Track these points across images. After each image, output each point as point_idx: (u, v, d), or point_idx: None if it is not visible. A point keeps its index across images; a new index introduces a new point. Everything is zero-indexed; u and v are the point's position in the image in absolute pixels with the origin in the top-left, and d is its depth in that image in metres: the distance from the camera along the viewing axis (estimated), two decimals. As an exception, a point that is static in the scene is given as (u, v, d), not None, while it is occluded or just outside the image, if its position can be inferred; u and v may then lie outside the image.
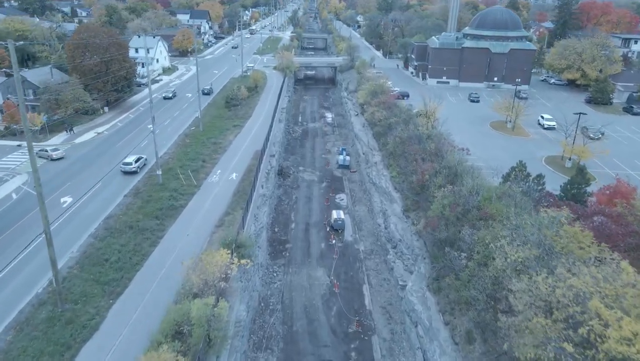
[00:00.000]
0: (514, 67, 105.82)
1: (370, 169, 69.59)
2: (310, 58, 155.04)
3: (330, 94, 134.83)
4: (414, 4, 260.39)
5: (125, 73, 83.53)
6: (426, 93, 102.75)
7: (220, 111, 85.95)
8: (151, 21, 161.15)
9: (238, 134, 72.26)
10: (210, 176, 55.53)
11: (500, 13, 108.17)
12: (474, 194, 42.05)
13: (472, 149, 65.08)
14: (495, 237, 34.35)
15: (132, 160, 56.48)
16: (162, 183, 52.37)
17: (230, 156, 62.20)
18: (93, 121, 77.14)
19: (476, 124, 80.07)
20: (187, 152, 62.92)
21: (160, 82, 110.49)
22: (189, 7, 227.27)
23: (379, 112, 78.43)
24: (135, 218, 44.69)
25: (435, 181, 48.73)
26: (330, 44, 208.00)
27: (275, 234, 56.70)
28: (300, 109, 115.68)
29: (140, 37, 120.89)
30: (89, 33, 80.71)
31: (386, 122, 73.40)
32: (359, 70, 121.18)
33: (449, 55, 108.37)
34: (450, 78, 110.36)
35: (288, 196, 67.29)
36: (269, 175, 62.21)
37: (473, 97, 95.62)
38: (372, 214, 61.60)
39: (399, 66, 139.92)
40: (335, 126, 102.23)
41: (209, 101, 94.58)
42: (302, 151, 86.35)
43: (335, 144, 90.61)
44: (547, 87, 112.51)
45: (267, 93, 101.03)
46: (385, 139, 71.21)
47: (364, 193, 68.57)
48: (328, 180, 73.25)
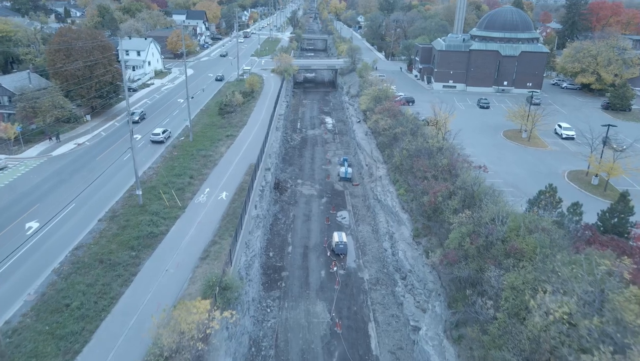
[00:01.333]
0: (525, 71, 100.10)
1: (375, 183, 63.89)
2: (310, 60, 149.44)
3: (330, 98, 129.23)
4: (416, 4, 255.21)
5: (111, 78, 77.76)
6: (432, 98, 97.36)
7: (213, 119, 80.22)
8: (145, 22, 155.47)
9: (231, 145, 66.52)
10: (198, 195, 49.78)
11: (510, 13, 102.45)
12: (498, 223, 36.38)
13: (485, 162, 59.49)
14: (527, 282, 28.71)
15: (160, 131, 69.23)
16: (142, 205, 46.64)
17: (221, 171, 56.47)
18: (74, 130, 71.40)
19: (488, 133, 74.33)
20: (173, 167, 57.19)
21: (151, 87, 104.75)
22: (186, 8, 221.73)
23: (383, 120, 72.76)
24: (107, 248, 38.97)
25: (449, 204, 43.05)
26: (330, 45, 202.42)
27: (270, 259, 50.98)
28: (299, 115, 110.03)
29: (131, 39, 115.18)
30: (71, 35, 74.99)
31: (391, 132, 67.72)
32: (361, 73, 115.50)
33: (455, 58, 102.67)
34: (457, 82, 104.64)
35: (285, 213, 61.59)
36: (264, 192, 56.51)
37: (483, 103, 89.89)
38: (377, 235, 55.89)
39: (402, 69, 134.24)
40: (336, 133, 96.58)
41: (201, 107, 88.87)
42: (300, 161, 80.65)
43: (336, 153, 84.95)
44: (559, 91, 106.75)
45: (264, 98, 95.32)
46: (391, 150, 65.61)
47: (367, 210, 62.87)
48: (328, 195, 67.56)
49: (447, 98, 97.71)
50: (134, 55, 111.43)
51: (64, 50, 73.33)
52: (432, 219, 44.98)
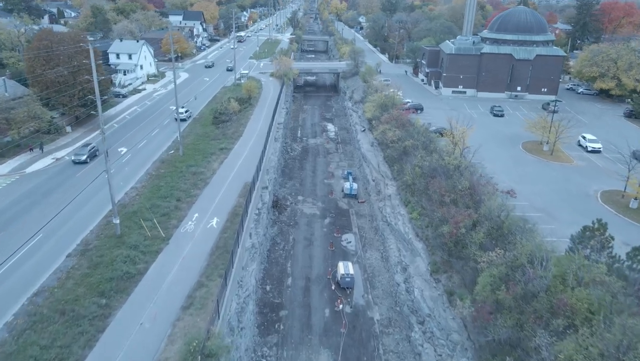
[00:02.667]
0: (540, 76, 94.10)
1: (383, 203, 57.87)
2: (310, 63, 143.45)
3: (332, 103, 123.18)
4: (418, 4, 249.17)
5: (95, 85, 71.60)
6: (441, 105, 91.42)
7: (207, 129, 74.18)
8: (139, 23, 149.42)
9: (225, 159, 60.51)
10: (185, 222, 43.75)
11: (524, 14, 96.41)
12: (538, 267, 30.40)
13: (506, 180, 53.65)
14: (592, 359, 22.69)
15: (183, 110, 76.89)
16: (120, 235, 40.62)
17: (213, 192, 50.44)
18: (54, 143, 65.45)
19: (505, 145, 68.29)
20: (159, 187, 51.14)
21: (142, 92, 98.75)
22: (183, 8, 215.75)
23: (391, 131, 66.78)
24: (73, 293, 32.95)
25: (474, 238, 37.05)
26: (331, 46, 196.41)
27: (267, 295, 44.93)
28: (299, 121, 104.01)
29: (122, 41, 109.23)
30: (52, 39, 69.02)
31: (400, 145, 61.73)
32: (365, 77, 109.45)
33: (466, 61, 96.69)
34: (467, 87, 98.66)
35: (284, 237, 55.57)
36: (260, 215, 50.46)
37: (496, 110, 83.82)
38: (387, 264, 49.83)
39: (407, 72, 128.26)
40: (339, 142, 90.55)
41: (194, 115, 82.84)
42: (301, 174, 74.61)
43: (339, 165, 78.92)
44: (575, 97, 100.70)
45: (262, 105, 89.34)
46: (400, 165, 59.63)
47: (375, 232, 56.83)
48: (332, 214, 61.54)
49: (457, 105, 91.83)
50: (125, 59, 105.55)
51: (43, 56, 67.40)
52: (453, 254, 38.96)
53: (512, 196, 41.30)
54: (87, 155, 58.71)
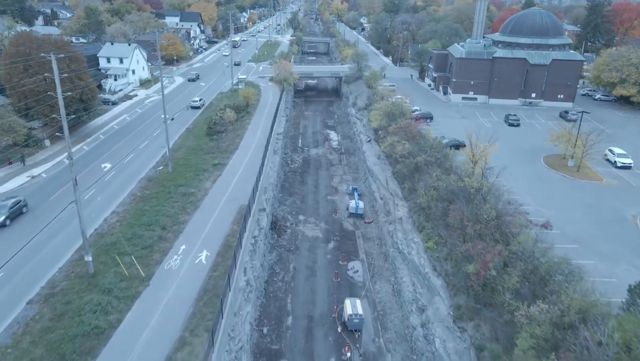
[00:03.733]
0: (556, 82, 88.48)
1: (393, 226, 52.23)
2: (311, 67, 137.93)
3: (334, 108, 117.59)
4: (421, 5, 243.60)
5: (80, 94, 66.15)
6: (452, 113, 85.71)
7: (200, 141, 68.55)
8: (134, 24, 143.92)
9: (218, 177, 54.90)
10: (169, 256, 38.13)
11: (539, 17, 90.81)
12: (594, 328, 24.80)
13: (531, 202, 48.06)
14: None
15: (197, 99, 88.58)
16: (92, 275, 35.01)
17: (203, 218, 44.82)
18: (32, 158, 59.81)
19: (525, 159, 62.62)
20: (143, 212, 45.51)
21: (134, 99, 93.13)
22: (181, 9, 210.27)
23: (401, 144, 61.22)
24: (29, 355, 27.34)
25: (506, 282, 31.46)
26: (333, 48, 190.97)
27: (264, 338, 39.26)
28: (300, 129, 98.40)
29: (113, 44, 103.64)
30: (30, 44, 63.46)
31: (412, 161, 56.14)
32: (369, 83, 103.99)
33: (477, 66, 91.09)
34: (478, 94, 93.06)
35: (284, 264, 49.93)
36: (257, 244, 44.81)
37: (512, 120, 78.15)
38: (399, 299, 44.16)
39: (413, 77, 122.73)
40: (343, 153, 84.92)
41: (188, 125, 77.24)
42: (302, 189, 68.98)
43: (343, 178, 73.28)
44: (592, 104, 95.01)
45: (261, 113, 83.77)
46: (412, 184, 54.06)
47: (385, 259, 51.17)
48: (336, 236, 55.90)
49: (469, 113, 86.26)
50: (116, 63, 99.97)
51: (22, 62, 61.83)
52: (481, 299, 33.31)
53: (548, 229, 35.65)
54: (7, 215, 42.17)
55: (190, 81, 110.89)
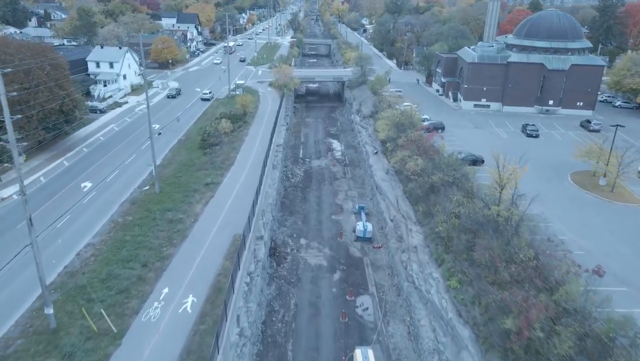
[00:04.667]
0: (575, 88, 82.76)
1: (407, 255, 46.44)
2: (313, 70, 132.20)
3: (337, 115, 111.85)
4: (423, 6, 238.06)
5: (60, 104, 60.40)
6: (464, 122, 79.75)
7: (193, 155, 62.77)
8: (127, 26, 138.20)
9: (211, 198, 49.16)
10: (148, 304, 32.33)
11: (557, 18, 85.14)
12: None
13: (564, 229, 42.32)
14: None
15: (207, 91, 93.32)
16: (54, 331, 29.23)
17: (192, 251, 39.07)
18: (5, 175, 54.04)
19: (550, 177, 56.79)
20: (122, 244, 39.74)
21: (124, 106, 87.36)
22: (178, 10, 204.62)
23: (412, 160, 55.49)
24: None
25: (557, 347, 25.69)
26: (334, 51, 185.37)
27: (261, 399, 33.48)
28: (301, 138, 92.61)
29: (103, 48, 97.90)
30: (6, 50, 57.74)
31: (426, 181, 50.36)
32: (374, 88, 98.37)
33: (490, 71, 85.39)
34: (492, 101, 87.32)
35: (284, 300, 44.10)
36: (253, 282, 39.01)
37: (530, 130, 72.33)
38: (417, 346, 38.34)
39: (419, 81, 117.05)
40: (347, 165, 79.12)
41: (180, 135, 71.47)
42: (304, 208, 63.18)
43: (348, 195, 67.47)
44: (612, 111, 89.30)
45: (259, 122, 78.05)
46: (427, 206, 48.27)
47: (398, 294, 45.37)
48: (342, 265, 50.07)
49: (482, 121, 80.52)
50: (105, 68, 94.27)
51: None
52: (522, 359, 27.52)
53: (600, 276, 29.86)
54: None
55: (170, 97, 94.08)
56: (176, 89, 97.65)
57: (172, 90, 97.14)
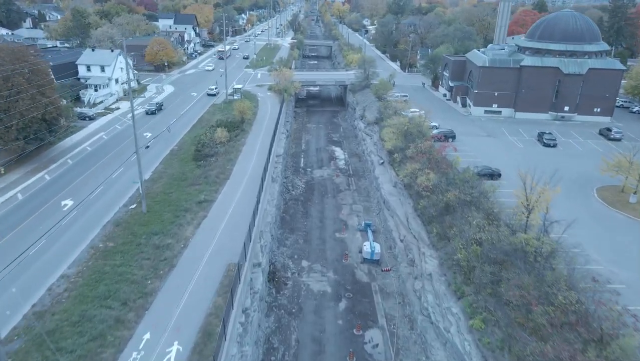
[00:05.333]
0: (593, 93, 78.19)
1: (420, 282, 41.88)
2: (314, 74, 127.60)
3: (339, 120, 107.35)
4: (426, 7, 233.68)
5: (42, 113, 55.84)
6: (475, 129, 74.86)
7: (185, 167, 58.18)
8: (122, 28, 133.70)
9: (204, 219, 44.60)
10: (125, 355, 27.69)
11: (572, 19, 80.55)
12: None
13: (597, 256, 37.75)
14: None
15: (213, 87, 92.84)
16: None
17: (179, 285, 34.49)
18: (-20, 192, 49.55)
19: (574, 192, 52.18)
20: (101, 276, 35.16)
21: (116, 112, 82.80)
22: (176, 11, 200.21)
23: (424, 174, 50.96)
24: None
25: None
26: (336, 52, 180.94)
27: None
28: (302, 145, 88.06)
29: (94, 50, 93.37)
30: (-19, 53, 53.28)
31: (441, 200, 45.80)
32: (379, 93, 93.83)
33: (502, 76, 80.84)
34: (503, 106, 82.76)
35: (283, 334, 39.54)
36: (249, 319, 34.42)
37: (547, 139, 67.72)
38: (435, 392, 33.78)
39: (425, 85, 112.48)
40: (351, 175, 74.55)
41: (173, 145, 66.87)
42: (305, 224, 58.62)
43: (353, 209, 62.93)
44: (629, 117, 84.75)
45: (258, 130, 73.51)
46: (442, 227, 43.78)
47: (411, 326, 40.80)
48: (348, 291, 45.50)
49: (494, 129, 75.96)
50: (96, 72, 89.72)
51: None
52: None
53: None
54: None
55: (150, 114, 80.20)
56: (157, 104, 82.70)
57: (152, 105, 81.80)
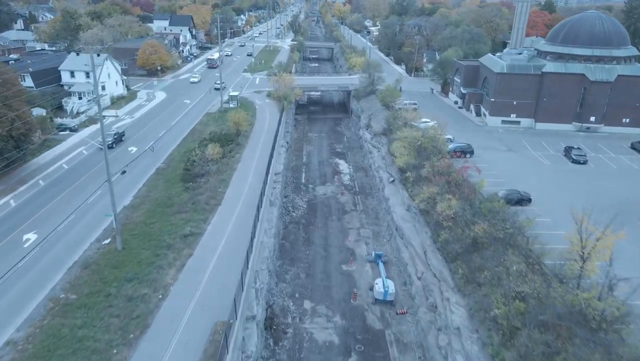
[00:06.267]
0: (622, 103, 71.50)
1: (447, 337, 35.07)
2: (316, 78, 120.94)
3: (342, 128, 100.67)
4: (428, 7, 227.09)
5: (8, 130, 49.12)
6: (493, 142, 67.85)
7: (172, 190, 51.33)
8: (114, 29, 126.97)
9: (189, 258, 37.80)
10: None
11: (599, 22, 73.81)
12: None
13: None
14: None
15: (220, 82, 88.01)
16: None
17: (151, 353, 27.66)
18: None
19: (617, 222, 45.21)
20: (56, 343, 28.29)
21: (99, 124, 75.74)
22: (172, 11, 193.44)
23: (444, 200, 44.24)
24: None
25: None
26: (337, 54, 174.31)
27: None
28: (303, 158, 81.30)
29: (78, 55, 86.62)
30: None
31: (467, 234, 39.05)
32: (385, 100, 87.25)
33: (521, 83, 74.10)
34: (522, 116, 76.02)
35: (282, 404, 32.78)
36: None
37: (577, 155, 60.91)
38: None
39: (433, 91, 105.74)
40: (357, 193, 67.84)
41: (160, 162, 60.02)
42: (307, 253, 51.85)
43: (361, 234, 56.18)
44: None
45: (255, 144, 66.79)
46: (468, 267, 37.11)
47: (436, 392, 34.01)
48: (359, 344, 38.70)
49: (514, 142, 69.18)
50: (81, 78, 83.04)
51: None
52: None
53: None
54: None
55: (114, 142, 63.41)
56: (115, 134, 64.44)
57: (110, 134, 63.40)
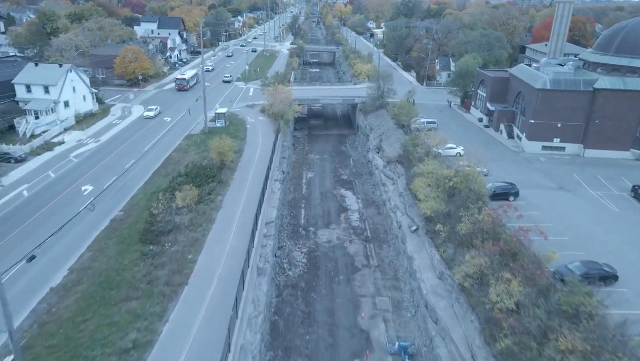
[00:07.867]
0: (693, 126, 58.40)
1: None
2: (317, 89, 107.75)
3: (348, 147, 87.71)
4: (434, 8, 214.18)
5: None
6: (536, 175, 54.10)
7: (124, 257, 37.98)
8: (92, 33, 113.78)
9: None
10: None
11: (664, 28, 60.81)
12: None
13: None
14: None
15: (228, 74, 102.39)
16: None
17: None
18: None
19: None
20: None
21: (57, 148, 62.68)
22: (163, 13, 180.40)
23: (500, 282, 31.28)
24: None
25: None
26: (339, 59, 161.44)
27: None
28: (302, 189, 68.14)
29: (37, 65, 73.41)
30: None
31: (544, 354, 25.99)
32: (400, 118, 74.50)
33: (567, 101, 61.03)
34: (568, 141, 62.90)
35: None
36: None
37: (652, 199, 47.84)
38: None
39: (451, 104, 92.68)
40: (369, 239, 54.75)
41: (116, 211, 46.70)
42: (307, 340, 38.65)
43: (377, 305, 43.08)
44: None
45: (243, 179, 53.69)
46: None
47: None
48: None
49: (563, 176, 55.97)
50: (39, 93, 69.83)
51: None
52: None
53: None
54: None
55: None
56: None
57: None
